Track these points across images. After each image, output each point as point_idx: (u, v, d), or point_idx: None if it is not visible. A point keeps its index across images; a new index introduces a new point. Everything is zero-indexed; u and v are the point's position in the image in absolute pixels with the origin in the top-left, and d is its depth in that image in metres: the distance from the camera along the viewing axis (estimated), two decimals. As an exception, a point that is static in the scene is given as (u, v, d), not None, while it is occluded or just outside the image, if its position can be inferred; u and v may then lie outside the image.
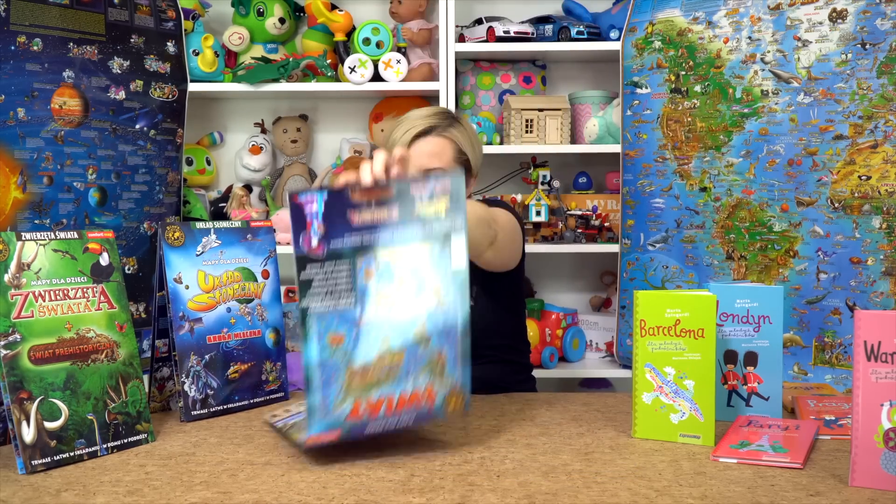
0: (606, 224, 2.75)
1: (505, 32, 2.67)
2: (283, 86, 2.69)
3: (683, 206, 2.28)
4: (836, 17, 2.00)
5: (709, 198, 2.23)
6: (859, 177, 1.98)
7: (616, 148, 2.55)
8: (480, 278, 1.79)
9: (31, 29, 2.15)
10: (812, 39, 2.04)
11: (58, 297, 1.38)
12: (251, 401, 1.69)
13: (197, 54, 2.63)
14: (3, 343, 1.30)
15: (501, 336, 1.91)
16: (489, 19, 2.71)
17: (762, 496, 1.15)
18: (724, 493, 1.16)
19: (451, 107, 2.64)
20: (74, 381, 1.36)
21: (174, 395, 1.67)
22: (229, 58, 2.78)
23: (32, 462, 1.29)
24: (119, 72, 2.36)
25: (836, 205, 2.02)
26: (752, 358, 1.54)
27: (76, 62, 2.25)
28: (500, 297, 1.89)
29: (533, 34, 2.70)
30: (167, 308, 1.61)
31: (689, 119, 2.25)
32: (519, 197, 2.76)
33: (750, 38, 2.14)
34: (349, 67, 2.66)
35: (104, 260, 1.46)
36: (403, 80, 2.68)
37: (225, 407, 1.64)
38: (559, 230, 2.73)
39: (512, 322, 1.96)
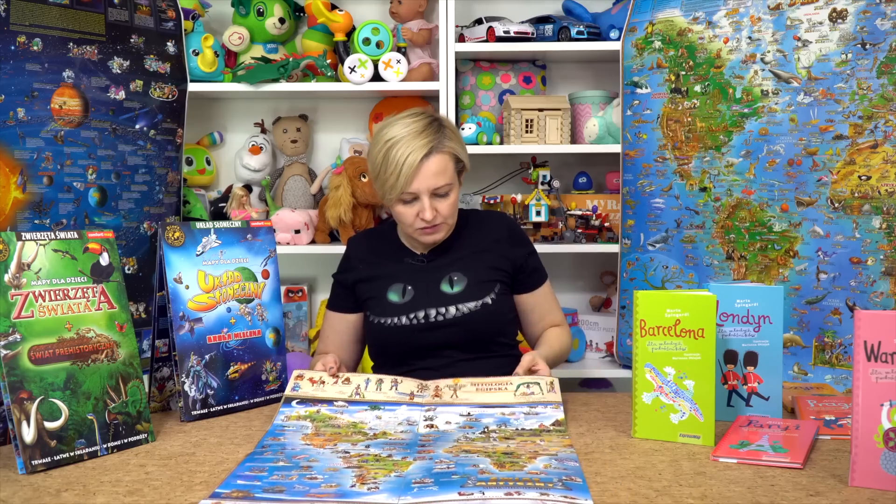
0: (606, 224, 2.75)
1: (505, 32, 2.66)
2: (283, 86, 2.68)
3: (683, 206, 2.28)
4: (836, 17, 2.00)
5: (709, 198, 2.23)
6: (859, 177, 1.98)
7: (616, 148, 2.55)
8: (501, 277, 1.85)
9: (31, 29, 2.15)
10: (812, 39, 2.04)
11: (58, 297, 1.38)
12: (251, 401, 1.69)
13: (197, 54, 2.63)
14: (3, 343, 1.30)
15: (511, 333, 1.94)
16: (489, 19, 2.71)
17: (762, 496, 1.15)
18: (724, 493, 1.16)
19: (452, 107, 2.64)
20: (74, 381, 1.36)
21: (174, 395, 1.67)
22: (229, 58, 2.78)
23: (32, 462, 1.29)
24: (119, 72, 2.36)
25: (836, 205, 2.02)
26: (752, 358, 1.54)
27: (76, 62, 2.25)
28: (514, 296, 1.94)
29: (533, 34, 2.70)
30: (167, 308, 1.61)
31: (689, 119, 2.25)
32: (519, 197, 2.76)
33: (750, 38, 2.14)
34: (349, 67, 2.65)
35: (104, 260, 1.46)
36: (403, 80, 2.68)
37: (225, 407, 1.64)
38: (559, 230, 2.73)
39: (519, 320, 2.00)
